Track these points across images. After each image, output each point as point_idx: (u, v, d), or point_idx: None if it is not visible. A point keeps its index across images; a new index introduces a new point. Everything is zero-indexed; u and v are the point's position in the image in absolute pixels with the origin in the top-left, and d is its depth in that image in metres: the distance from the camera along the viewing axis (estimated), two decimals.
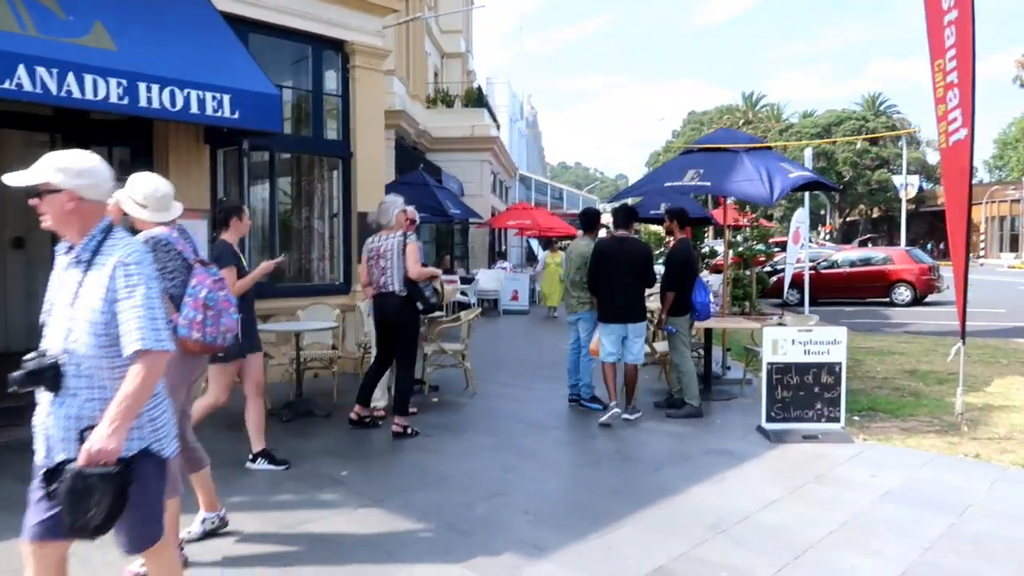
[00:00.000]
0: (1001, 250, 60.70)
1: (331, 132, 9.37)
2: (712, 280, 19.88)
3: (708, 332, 7.87)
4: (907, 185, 57.55)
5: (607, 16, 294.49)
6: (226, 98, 6.49)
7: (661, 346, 8.04)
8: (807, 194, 15.76)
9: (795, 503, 4.65)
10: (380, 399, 6.96)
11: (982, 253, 58.80)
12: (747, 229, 19.07)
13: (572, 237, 30.27)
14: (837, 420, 6.08)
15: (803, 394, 6.07)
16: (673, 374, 7.21)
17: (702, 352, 8.23)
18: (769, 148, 8.30)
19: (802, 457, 5.57)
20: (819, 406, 6.07)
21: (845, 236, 63.89)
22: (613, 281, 6.68)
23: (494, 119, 25.40)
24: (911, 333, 14.14)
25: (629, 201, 13.04)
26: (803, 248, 15.70)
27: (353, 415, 6.48)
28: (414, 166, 17.19)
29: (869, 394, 7.80)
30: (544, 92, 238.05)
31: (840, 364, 6.06)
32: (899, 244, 48.88)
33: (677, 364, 7.02)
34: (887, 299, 19.69)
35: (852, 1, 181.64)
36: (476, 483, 5.02)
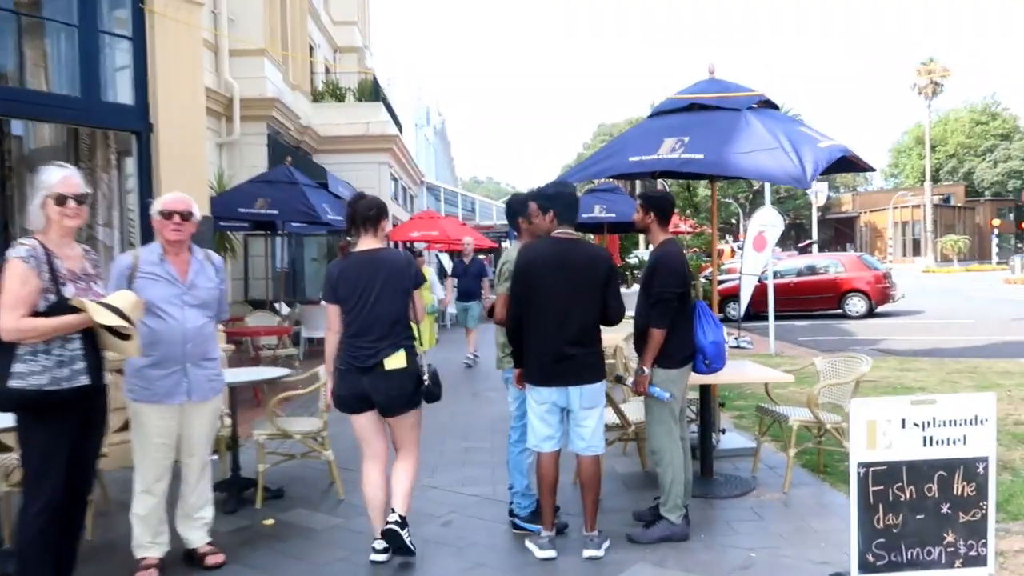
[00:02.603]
0: (904, 255, 61.83)
1: (121, 94, 6.18)
2: None
3: (705, 387, 5.08)
4: (817, 192, 57.88)
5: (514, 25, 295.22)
6: None
7: (634, 409, 5.20)
8: (767, 191, 13.51)
9: None
10: (150, 545, 3.82)
11: (891, 258, 59.61)
12: (687, 237, 16.74)
13: (490, 251, 27.48)
14: (983, 562, 3.36)
15: (922, 518, 3.32)
16: (650, 460, 4.32)
17: (694, 414, 5.47)
18: (775, 106, 5.63)
19: None
20: (950, 538, 3.33)
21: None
22: (548, 313, 3.85)
23: (394, 118, 22.33)
24: (888, 352, 11.91)
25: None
26: (768, 256, 13.31)
27: None
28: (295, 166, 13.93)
29: None
30: (454, 99, 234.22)
31: (986, 461, 3.35)
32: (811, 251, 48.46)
33: (656, 451, 4.20)
34: (839, 310, 17.68)
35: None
36: None
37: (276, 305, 12.24)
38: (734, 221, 67.89)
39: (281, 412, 5.17)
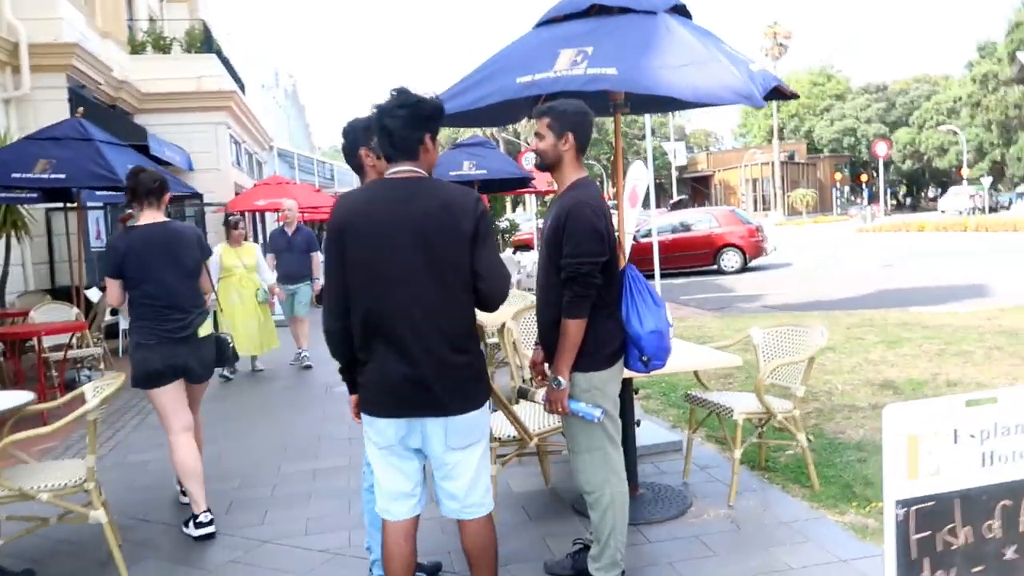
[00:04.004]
0: (756, 209, 64.74)
1: None
2: (525, 259, 16.33)
3: (626, 379, 3.89)
4: (676, 151, 59.24)
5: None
6: None
7: (535, 414, 3.94)
8: (649, 145, 12.58)
9: None
10: None
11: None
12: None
13: None
14: None
15: (981, 570, 2.28)
16: (589, 498, 3.02)
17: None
18: (689, 15, 4.44)
19: None
20: None
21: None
22: (386, 301, 2.38)
23: (234, 75, 19.89)
24: (774, 308, 11.43)
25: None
26: (639, 211, 12.46)
27: None
28: (111, 128, 11.59)
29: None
30: (308, 63, 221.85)
31: None
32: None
33: (590, 491, 2.89)
34: (714, 266, 17.34)
35: None
36: None
37: (88, 293, 10.11)
38: (599, 183, 68.73)
39: (29, 457, 3.54)
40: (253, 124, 21.78)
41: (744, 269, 17.20)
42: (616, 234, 3.03)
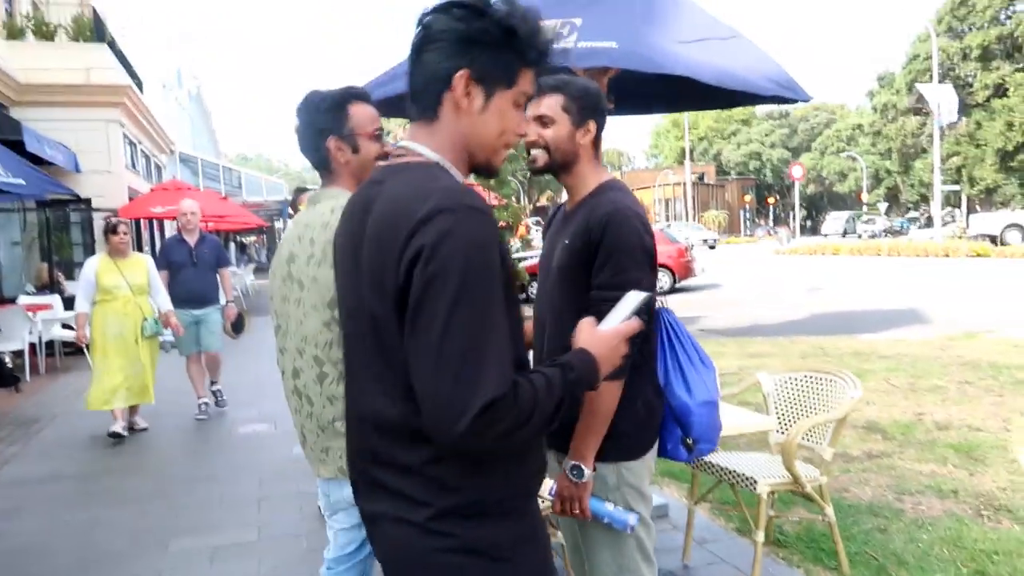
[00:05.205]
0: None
1: None
2: None
3: None
4: None
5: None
6: None
7: None
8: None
9: None
10: None
11: None
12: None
13: (260, 231, 23.22)
14: None
15: None
16: None
17: None
18: None
19: None
20: None
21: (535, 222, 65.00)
22: (348, 359, 1.48)
23: (130, 70, 18.22)
24: (714, 332, 10.95)
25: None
26: None
27: None
28: None
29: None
30: (214, 69, 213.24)
31: None
32: None
33: None
34: None
35: None
36: None
37: None
38: (515, 200, 68.47)
39: None
40: (152, 124, 20.07)
41: (673, 290, 16.81)
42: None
